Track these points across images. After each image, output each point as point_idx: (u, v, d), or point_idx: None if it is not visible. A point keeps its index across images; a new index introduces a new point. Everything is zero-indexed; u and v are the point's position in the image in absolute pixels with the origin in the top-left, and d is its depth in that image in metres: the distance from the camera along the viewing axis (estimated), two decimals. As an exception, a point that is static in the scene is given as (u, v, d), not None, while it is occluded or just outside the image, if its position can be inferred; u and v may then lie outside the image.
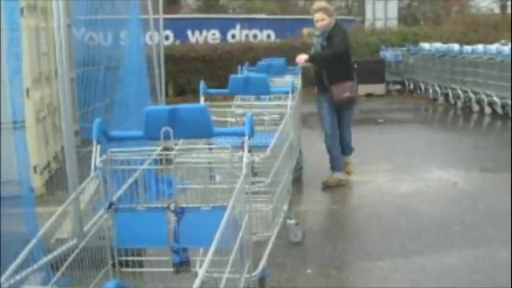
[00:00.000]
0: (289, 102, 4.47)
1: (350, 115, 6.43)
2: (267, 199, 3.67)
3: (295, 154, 5.39)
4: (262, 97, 5.01)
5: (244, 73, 6.11)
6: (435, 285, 3.78)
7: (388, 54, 14.74)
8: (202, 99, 4.52)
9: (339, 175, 6.23)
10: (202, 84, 4.57)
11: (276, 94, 4.82)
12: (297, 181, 5.87)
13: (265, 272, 3.51)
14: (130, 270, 2.53)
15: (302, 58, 5.98)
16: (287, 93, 4.57)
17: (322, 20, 6.04)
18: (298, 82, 6.05)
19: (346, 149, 6.56)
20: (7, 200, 3.69)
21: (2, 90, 3.95)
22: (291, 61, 6.49)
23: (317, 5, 6.16)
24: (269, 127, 4.32)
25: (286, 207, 4.03)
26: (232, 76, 4.75)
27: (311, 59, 6.04)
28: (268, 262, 4.11)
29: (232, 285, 2.18)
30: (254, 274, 3.22)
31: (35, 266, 2.07)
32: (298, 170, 6.19)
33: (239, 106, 4.81)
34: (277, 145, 3.75)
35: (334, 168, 6.24)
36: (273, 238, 3.64)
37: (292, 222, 4.54)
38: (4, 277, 1.63)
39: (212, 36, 16.71)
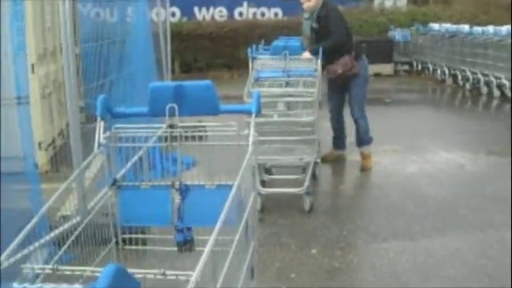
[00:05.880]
0: (319, 60, 5.31)
1: (357, 93, 5.81)
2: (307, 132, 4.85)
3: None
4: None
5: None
6: (441, 268, 3.75)
7: (397, 34, 14.58)
8: (250, 61, 5.40)
9: (337, 152, 6.21)
10: (249, 50, 5.49)
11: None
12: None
13: (309, 188, 4.73)
14: (133, 247, 2.50)
15: (306, 55, 5.47)
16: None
17: (307, 0, 5.57)
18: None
19: (358, 136, 5.95)
20: (12, 176, 3.67)
21: (3, 64, 3.90)
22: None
23: None
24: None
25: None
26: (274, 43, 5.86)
27: (313, 54, 5.46)
28: (272, 241, 4.13)
29: (236, 265, 2.15)
30: (300, 188, 4.71)
31: (37, 244, 2.04)
32: None
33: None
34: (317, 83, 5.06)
35: (333, 145, 6.23)
36: (313, 161, 4.95)
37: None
38: (5, 254, 1.60)
39: (219, 13, 16.55)
